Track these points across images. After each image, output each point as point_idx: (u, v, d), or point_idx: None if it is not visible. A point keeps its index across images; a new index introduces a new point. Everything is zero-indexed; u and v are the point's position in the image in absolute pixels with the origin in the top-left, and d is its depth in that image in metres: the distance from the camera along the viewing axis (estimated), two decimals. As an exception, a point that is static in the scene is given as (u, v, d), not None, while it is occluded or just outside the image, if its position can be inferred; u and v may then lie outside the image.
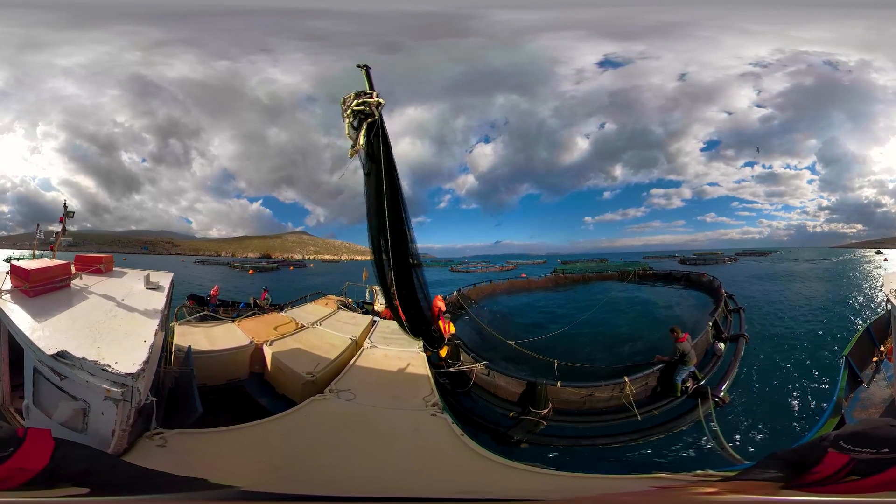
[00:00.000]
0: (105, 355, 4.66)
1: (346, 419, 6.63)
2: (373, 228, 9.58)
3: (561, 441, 8.77)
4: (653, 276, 30.04)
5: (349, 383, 7.68)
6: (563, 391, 9.56)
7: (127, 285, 7.63)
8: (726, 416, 9.03)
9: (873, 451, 4.19)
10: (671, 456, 8.31)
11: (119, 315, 5.98)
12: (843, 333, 12.20)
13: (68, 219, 8.68)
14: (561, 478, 5.63)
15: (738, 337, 12.13)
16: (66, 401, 4.69)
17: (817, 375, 10.42)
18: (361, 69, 9.02)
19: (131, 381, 4.45)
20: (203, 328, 10.36)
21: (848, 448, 4.28)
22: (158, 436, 5.18)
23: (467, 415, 9.10)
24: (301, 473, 5.34)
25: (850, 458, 4.28)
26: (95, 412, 4.58)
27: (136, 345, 5.01)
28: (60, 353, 4.61)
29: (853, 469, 4.33)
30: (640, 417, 9.14)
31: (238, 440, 5.81)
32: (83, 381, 4.53)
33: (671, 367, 9.93)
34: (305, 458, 5.65)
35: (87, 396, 4.58)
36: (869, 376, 8.11)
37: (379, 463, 5.67)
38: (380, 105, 8.49)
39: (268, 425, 6.18)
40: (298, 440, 6.06)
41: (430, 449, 6.12)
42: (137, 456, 4.77)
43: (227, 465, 5.22)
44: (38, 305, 6.01)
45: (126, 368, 4.49)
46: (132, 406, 4.53)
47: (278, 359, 8.78)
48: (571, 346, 13.39)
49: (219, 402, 7.90)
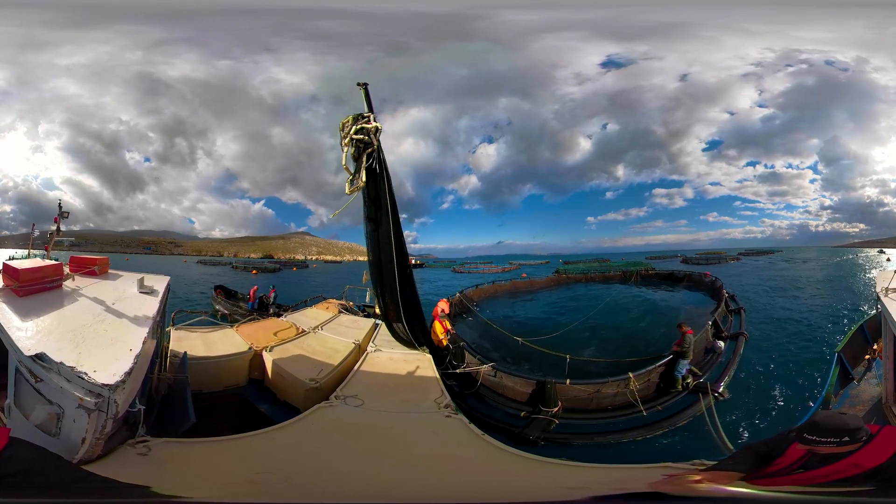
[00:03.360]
0: (84, 362, 4.47)
1: (357, 426, 6.45)
2: (375, 273, 9.47)
3: (576, 438, 8.99)
4: (655, 276, 29.92)
5: (355, 389, 7.48)
6: (571, 389, 9.74)
7: (120, 289, 7.41)
8: (725, 411, 9.36)
9: (830, 441, 4.28)
10: (677, 447, 8.70)
11: (107, 320, 5.77)
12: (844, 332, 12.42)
13: (63, 219, 8.54)
14: (593, 469, 5.82)
15: (738, 335, 12.44)
16: (42, 403, 4.59)
17: (816, 375, 10.79)
18: (360, 87, 8.95)
19: (108, 392, 4.26)
20: (200, 333, 10.16)
21: (807, 439, 4.38)
22: (142, 444, 5.03)
23: (477, 416, 9.06)
24: (315, 483, 5.16)
25: (808, 451, 4.39)
26: (68, 418, 4.45)
27: (120, 353, 4.80)
28: (39, 356, 4.47)
29: (805, 462, 4.45)
30: (645, 413, 9.35)
31: (235, 450, 5.61)
32: (58, 386, 4.40)
33: (672, 362, 10.36)
34: (318, 467, 5.48)
35: (62, 401, 4.46)
36: (861, 374, 8.18)
37: (402, 469, 5.52)
38: (378, 130, 8.30)
39: (271, 434, 5.97)
40: (307, 449, 5.86)
41: (453, 451, 6.00)
42: (110, 463, 4.62)
43: (217, 477, 5.04)
44: (27, 305, 5.88)
45: (104, 378, 4.30)
46: (107, 417, 4.35)
47: (279, 365, 8.56)
48: (577, 344, 13.86)
49: (216, 409, 7.71)
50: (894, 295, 7.19)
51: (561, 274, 32.40)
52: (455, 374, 10.21)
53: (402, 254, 9.46)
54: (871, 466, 4.24)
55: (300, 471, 5.36)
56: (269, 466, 5.32)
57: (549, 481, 5.30)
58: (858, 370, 8.27)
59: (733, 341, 12.20)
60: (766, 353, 12.66)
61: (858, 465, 4.27)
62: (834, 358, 8.28)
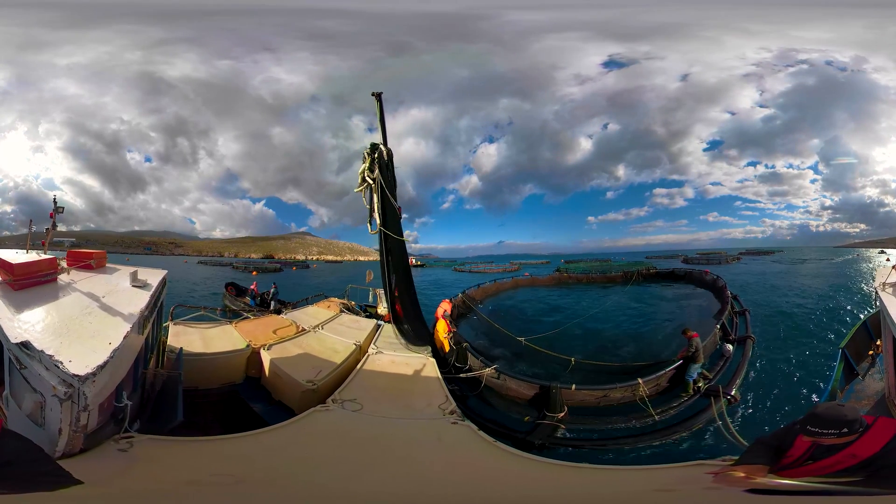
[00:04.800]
0: (62, 351, 4.51)
1: (355, 432, 6.27)
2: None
3: (584, 444, 8.73)
4: (656, 275, 29.86)
5: (354, 392, 7.29)
6: (577, 394, 9.35)
7: (113, 282, 7.35)
8: (737, 414, 9.31)
9: (831, 433, 4.34)
10: (692, 452, 8.44)
11: (94, 313, 5.74)
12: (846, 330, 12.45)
13: (58, 213, 8.47)
14: (616, 472, 5.84)
15: (745, 339, 12.39)
16: (29, 392, 4.68)
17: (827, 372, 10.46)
18: (375, 97, 9.42)
19: (78, 382, 4.28)
20: (199, 329, 10.06)
21: (810, 430, 4.43)
22: (125, 440, 5.00)
23: (480, 421, 8.86)
24: (300, 491, 4.99)
25: (813, 443, 4.44)
26: (48, 407, 4.53)
27: (99, 346, 4.78)
28: (24, 343, 4.54)
29: (812, 454, 4.49)
30: (657, 418, 9.10)
31: (221, 451, 5.49)
32: (38, 373, 4.48)
33: (683, 366, 10.15)
34: (305, 474, 5.29)
35: (43, 390, 4.53)
36: (865, 369, 8.17)
37: (402, 478, 5.30)
38: (391, 155, 9.14)
39: (259, 437, 5.82)
40: (296, 455, 5.69)
41: (461, 459, 5.77)
42: (90, 457, 4.65)
43: (192, 477, 4.94)
44: (21, 298, 5.91)
45: (76, 369, 4.31)
46: (80, 408, 4.38)
47: (277, 365, 8.39)
48: (579, 343, 13.79)
49: (209, 406, 7.61)
50: (892, 290, 7.14)
51: (562, 273, 32.29)
52: (458, 378, 9.99)
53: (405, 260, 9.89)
54: (867, 456, 4.30)
55: (283, 477, 5.16)
56: (251, 471, 5.17)
57: (578, 487, 5.14)
58: (863, 366, 8.23)
59: (741, 345, 12.03)
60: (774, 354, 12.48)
61: (856, 456, 4.33)
62: (838, 354, 8.25)
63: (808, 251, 43.24)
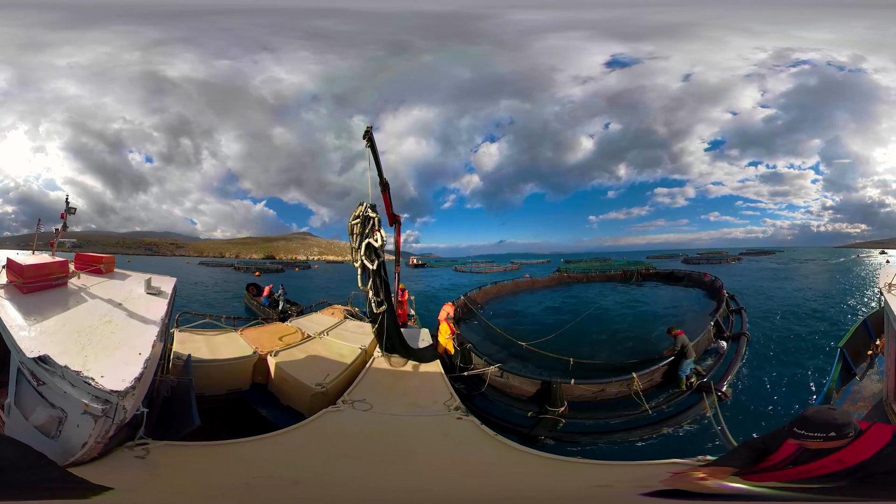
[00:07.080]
0: (91, 366, 4.30)
1: (367, 430, 6.38)
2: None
3: (582, 437, 9.10)
4: (655, 275, 29.92)
5: (363, 393, 7.39)
6: (576, 388, 9.92)
7: (127, 289, 7.27)
8: (728, 409, 9.45)
9: (817, 436, 4.21)
10: (681, 445, 8.75)
11: (114, 321, 5.60)
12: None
13: (70, 215, 8.37)
14: (610, 467, 6.01)
15: (739, 336, 12.59)
16: (43, 406, 4.41)
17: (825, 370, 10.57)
18: (365, 138, 9.54)
19: (116, 398, 4.10)
20: (204, 336, 10.04)
21: (797, 433, 4.32)
22: (141, 446, 4.90)
23: (485, 416, 9.03)
24: (323, 489, 5.06)
25: (799, 446, 4.33)
26: (71, 423, 4.29)
27: (129, 357, 4.63)
28: (42, 358, 4.28)
29: (795, 458, 4.39)
30: (651, 412, 9.49)
31: (239, 454, 5.51)
32: (61, 390, 4.23)
33: (675, 362, 10.52)
34: (326, 472, 5.37)
35: (65, 406, 4.29)
36: (863, 370, 8.06)
37: (414, 472, 5.44)
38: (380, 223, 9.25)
39: (275, 439, 5.86)
40: (315, 454, 5.77)
41: (468, 453, 5.95)
42: (105, 464, 4.51)
43: (216, 481, 4.95)
44: (31, 303, 5.73)
45: (113, 384, 4.13)
46: (114, 422, 4.20)
47: (284, 370, 8.42)
48: (579, 343, 14.19)
49: (217, 413, 7.61)
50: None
51: (563, 273, 32.32)
52: (463, 377, 10.27)
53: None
54: (854, 463, 4.14)
55: (307, 475, 5.25)
56: (273, 471, 5.20)
57: (567, 481, 5.30)
58: (861, 366, 8.13)
59: (735, 342, 12.30)
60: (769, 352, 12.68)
61: (842, 462, 4.18)
62: (836, 353, 8.18)
63: (809, 251, 43.24)
